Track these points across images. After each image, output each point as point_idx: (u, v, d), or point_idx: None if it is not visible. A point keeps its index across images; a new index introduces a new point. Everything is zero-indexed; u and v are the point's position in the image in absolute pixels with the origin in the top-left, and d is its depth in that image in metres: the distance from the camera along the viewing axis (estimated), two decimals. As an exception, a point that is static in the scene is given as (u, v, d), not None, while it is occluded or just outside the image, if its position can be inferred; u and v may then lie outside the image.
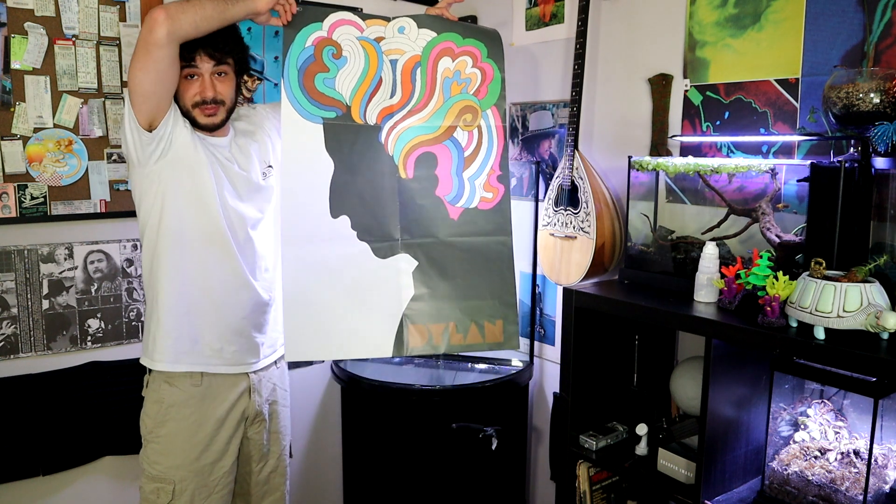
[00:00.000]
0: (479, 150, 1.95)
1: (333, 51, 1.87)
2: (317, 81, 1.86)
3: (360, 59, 1.89)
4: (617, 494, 2.06)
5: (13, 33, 2.07)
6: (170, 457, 1.78)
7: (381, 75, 1.90)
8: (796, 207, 1.77)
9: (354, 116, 1.89)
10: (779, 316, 1.52)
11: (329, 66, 1.87)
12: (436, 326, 1.90)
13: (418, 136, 1.93)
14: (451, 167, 1.94)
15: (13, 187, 2.11)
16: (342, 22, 1.88)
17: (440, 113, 1.94)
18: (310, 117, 1.86)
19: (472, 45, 1.95)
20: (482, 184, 1.95)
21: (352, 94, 1.89)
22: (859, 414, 1.62)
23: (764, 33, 1.88)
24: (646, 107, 2.17)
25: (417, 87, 1.93)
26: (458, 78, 1.95)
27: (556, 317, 2.57)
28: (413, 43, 1.93)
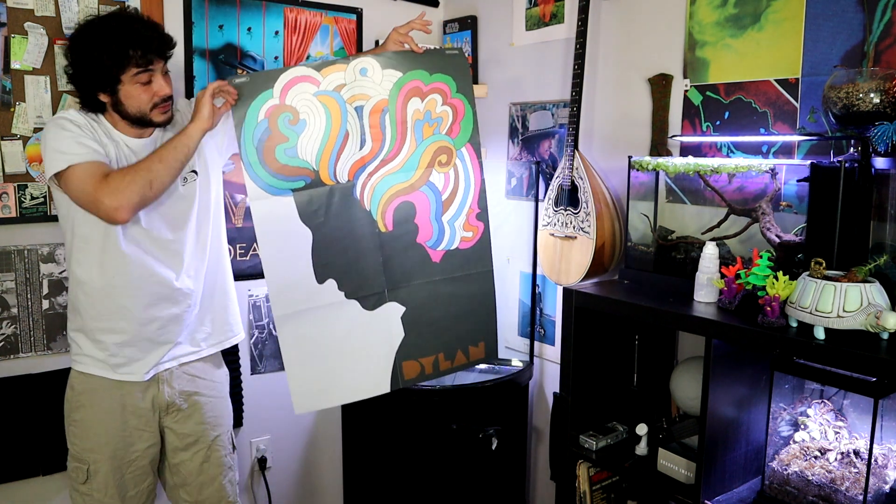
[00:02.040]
0: (456, 191, 1.94)
1: (290, 117, 1.78)
2: (278, 154, 1.78)
3: (321, 118, 1.80)
4: (617, 494, 2.06)
5: (13, 33, 2.07)
6: (84, 440, 1.85)
7: (347, 128, 1.83)
8: (796, 207, 1.77)
9: (324, 179, 1.83)
10: (779, 316, 1.52)
11: (288, 135, 1.78)
12: (426, 359, 1.96)
13: (394, 186, 1.89)
14: (429, 214, 1.92)
15: (13, 187, 2.11)
16: (295, 81, 1.78)
17: (414, 158, 1.89)
18: (277, 192, 1.79)
19: (441, 81, 1.89)
20: (462, 224, 1.95)
21: (317, 157, 1.81)
22: (859, 414, 1.62)
23: (764, 33, 1.88)
24: (646, 107, 2.17)
25: (388, 135, 1.87)
26: (430, 119, 1.89)
27: (556, 317, 2.57)
28: (378, 86, 1.85)
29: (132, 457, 1.87)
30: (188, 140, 1.73)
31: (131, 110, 1.75)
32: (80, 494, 1.86)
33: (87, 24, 1.74)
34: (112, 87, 1.72)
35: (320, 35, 2.65)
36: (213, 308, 1.97)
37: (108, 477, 1.84)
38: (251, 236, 2.53)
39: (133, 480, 1.89)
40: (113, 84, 1.71)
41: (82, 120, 1.74)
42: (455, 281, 1.95)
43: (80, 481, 1.85)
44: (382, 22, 2.81)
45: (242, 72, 2.44)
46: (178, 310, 1.87)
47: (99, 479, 1.84)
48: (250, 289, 2.56)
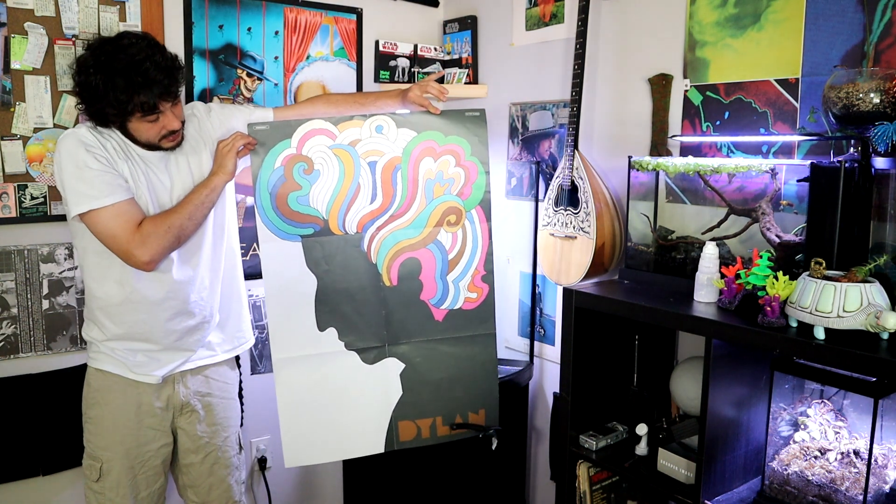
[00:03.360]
0: (463, 251, 1.95)
1: (304, 166, 1.85)
2: (290, 201, 1.85)
3: (335, 170, 1.86)
4: (617, 494, 2.06)
5: (13, 33, 2.07)
6: (98, 437, 1.86)
7: (359, 181, 1.88)
8: (796, 207, 1.77)
9: (333, 229, 1.88)
10: (779, 316, 1.52)
11: (301, 184, 1.85)
12: (423, 421, 1.97)
13: (401, 242, 1.92)
14: (435, 272, 1.94)
15: (13, 187, 2.11)
16: (312, 133, 1.85)
17: (423, 216, 1.92)
18: (287, 237, 1.86)
19: (455, 143, 1.92)
20: (466, 285, 1.96)
21: (328, 207, 1.87)
22: (859, 414, 1.62)
23: (764, 33, 1.88)
24: (646, 107, 2.17)
25: (398, 191, 1.90)
26: (441, 179, 1.92)
27: (556, 317, 2.57)
28: (392, 144, 1.89)
29: (145, 456, 1.88)
30: (214, 195, 1.81)
31: (140, 139, 1.78)
32: (94, 493, 1.87)
33: (95, 55, 1.68)
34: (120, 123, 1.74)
35: (320, 35, 2.65)
36: (229, 316, 1.99)
37: (121, 476, 1.85)
38: (251, 236, 2.53)
39: (146, 481, 1.89)
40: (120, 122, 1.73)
41: (96, 141, 1.73)
42: (457, 342, 1.97)
43: (93, 479, 1.86)
44: (382, 22, 2.81)
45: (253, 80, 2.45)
46: (196, 321, 1.88)
47: (111, 477, 1.85)
48: (250, 289, 2.56)
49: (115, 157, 1.75)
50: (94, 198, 1.68)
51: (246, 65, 2.49)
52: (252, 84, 2.51)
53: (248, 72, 2.50)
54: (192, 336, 1.90)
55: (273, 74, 2.56)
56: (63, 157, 1.71)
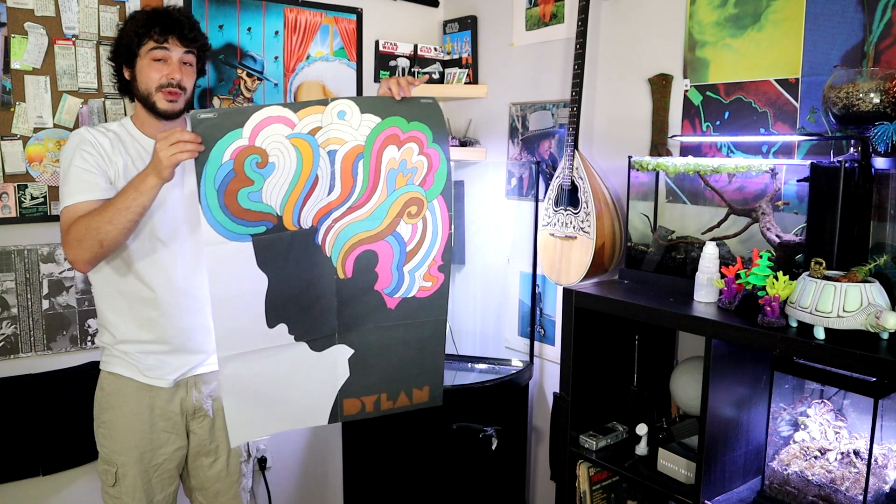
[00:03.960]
0: (422, 242, 1.86)
1: (258, 159, 1.65)
2: (240, 198, 1.65)
3: (292, 162, 1.68)
4: (617, 494, 2.06)
5: (13, 33, 2.07)
6: (112, 441, 1.84)
7: (317, 172, 1.72)
8: (796, 207, 1.77)
9: (287, 225, 1.72)
10: (779, 316, 1.52)
11: (254, 179, 1.65)
12: (368, 398, 1.91)
13: (358, 234, 1.80)
14: (391, 263, 1.84)
15: (13, 187, 2.11)
16: (268, 121, 1.65)
17: (383, 208, 1.80)
18: (236, 237, 1.67)
19: (418, 130, 1.80)
20: (422, 275, 1.87)
21: (283, 202, 1.70)
22: (859, 414, 1.62)
23: (764, 33, 1.88)
24: (646, 107, 2.17)
25: (359, 182, 1.77)
26: (404, 168, 1.80)
27: (556, 317, 2.57)
28: (355, 131, 1.75)
29: (159, 460, 1.87)
30: (143, 199, 1.64)
31: (141, 88, 1.79)
32: (111, 497, 1.86)
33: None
34: (131, 59, 1.78)
35: (320, 35, 2.65)
36: None
37: (136, 480, 1.84)
38: (251, 236, 2.54)
39: (160, 484, 1.88)
40: (132, 57, 1.78)
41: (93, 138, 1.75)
42: (407, 327, 1.89)
43: (109, 484, 1.85)
44: (382, 22, 2.81)
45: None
46: (205, 319, 1.86)
47: (127, 482, 1.84)
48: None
49: (109, 152, 1.76)
50: (67, 195, 1.71)
51: (246, 65, 2.49)
52: (252, 84, 2.52)
53: (248, 72, 2.50)
54: (202, 336, 1.88)
55: (273, 74, 2.56)
56: (62, 155, 1.77)
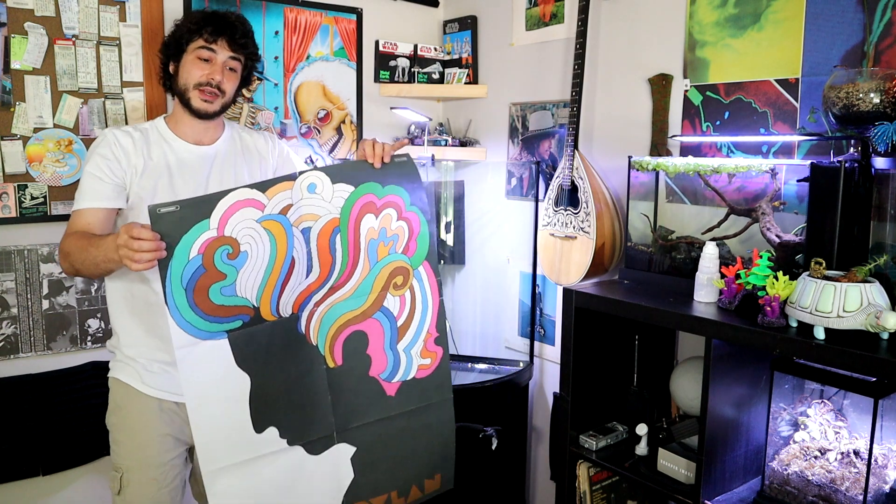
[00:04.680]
0: (412, 315, 1.73)
1: (229, 250, 1.49)
2: (212, 294, 1.49)
3: (265, 248, 1.53)
4: (617, 494, 2.06)
5: (13, 33, 2.07)
6: (120, 445, 1.82)
7: (293, 254, 1.57)
8: (796, 207, 1.77)
9: (265, 315, 1.56)
10: (779, 316, 1.52)
11: (226, 272, 1.49)
12: (377, 498, 1.76)
13: (344, 315, 1.66)
14: (383, 343, 1.70)
15: (13, 187, 2.11)
16: (237, 206, 1.49)
17: (367, 283, 1.67)
18: (210, 336, 1.50)
19: (394, 194, 1.67)
20: (419, 351, 1.74)
21: (259, 292, 1.54)
22: (859, 414, 1.62)
23: (764, 33, 1.88)
24: (646, 107, 2.17)
25: (338, 259, 1.63)
26: (385, 237, 1.67)
27: (556, 317, 2.57)
28: (329, 203, 1.61)
29: (166, 466, 1.81)
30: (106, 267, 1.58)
31: (180, 83, 1.79)
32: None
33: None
34: (178, 54, 1.79)
35: (320, 35, 2.65)
36: None
37: (143, 487, 1.78)
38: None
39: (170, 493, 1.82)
40: (179, 52, 1.79)
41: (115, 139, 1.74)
42: (411, 414, 1.75)
43: (115, 491, 1.81)
44: (382, 22, 2.81)
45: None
46: None
47: (131, 489, 1.78)
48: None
49: (129, 153, 1.74)
50: (77, 199, 1.72)
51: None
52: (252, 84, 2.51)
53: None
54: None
55: (273, 74, 2.56)
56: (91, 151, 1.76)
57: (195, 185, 1.79)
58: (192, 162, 1.81)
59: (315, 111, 2.67)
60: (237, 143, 1.90)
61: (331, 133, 2.72)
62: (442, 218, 2.90)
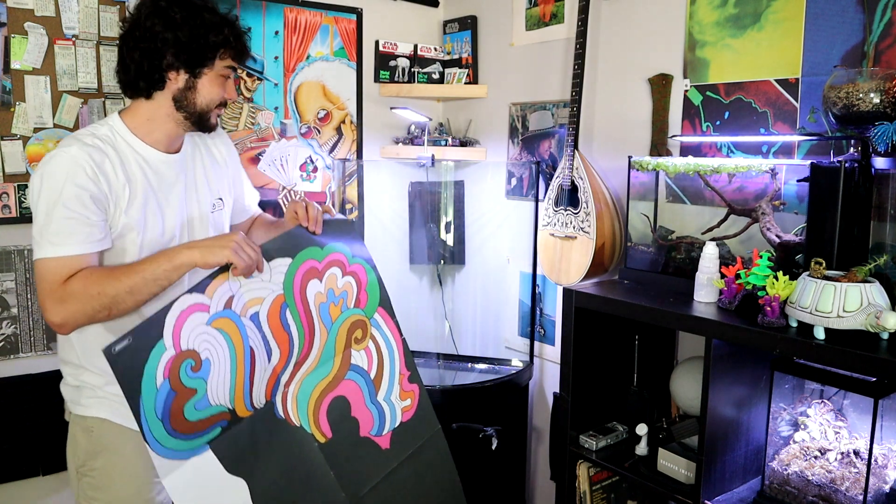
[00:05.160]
0: (382, 364, 1.73)
1: (192, 363, 1.43)
2: (187, 413, 1.43)
3: (223, 348, 1.47)
4: (617, 494, 2.06)
5: (13, 33, 2.07)
6: (107, 491, 1.59)
7: (251, 344, 1.52)
8: (796, 207, 1.77)
9: (241, 413, 1.50)
10: (779, 316, 1.52)
11: (195, 386, 1.43)
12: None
13: (317, 387, 1.63)
14: (364, 400, 1.69)
15: (13, 187, 2.11)
16: (183, 316, 1.42)
17: (329, 347, 1.64)
18: (193, 453, 1.43)
19: (335, 252, 1.65)
20: (397, 396, 1.74)
21: (231, 394, 1.49)
22: (859, 414, 1.62)
23: (764, 33, 1.88)
24: (646, 107, 2.17)
25: (294, 333, 1.59)
26: (333, 297, 1.64)
27: (556, 317, 2.57)
28: (269, 283, 1.55)
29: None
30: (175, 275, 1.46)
31: (198, 103, 1.56)
32: None
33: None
34: (201, 66, 1.54)
35: (320, 35, 2.65)
36: None
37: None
38: (251, 236, 2.54)
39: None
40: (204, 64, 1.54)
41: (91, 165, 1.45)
42: (410, 460, 1.74)
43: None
44: (382, 22, 2.81)
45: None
46: None
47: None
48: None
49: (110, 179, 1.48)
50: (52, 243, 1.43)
51: (246, 65, 2.49)
52: (252, 84, 2.51)
53: (248, 72, 2.50)
54: None
55: (273, 74, 2.56)
56: (45, 182, 1.43)
57: (176, 201, 1.61)
58: (168, 175, 1.59)
59: (315, 111, 2.67)
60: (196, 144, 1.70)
61: (331, 133, 2.73)
62: (442, 218, 2.90)
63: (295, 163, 2.63)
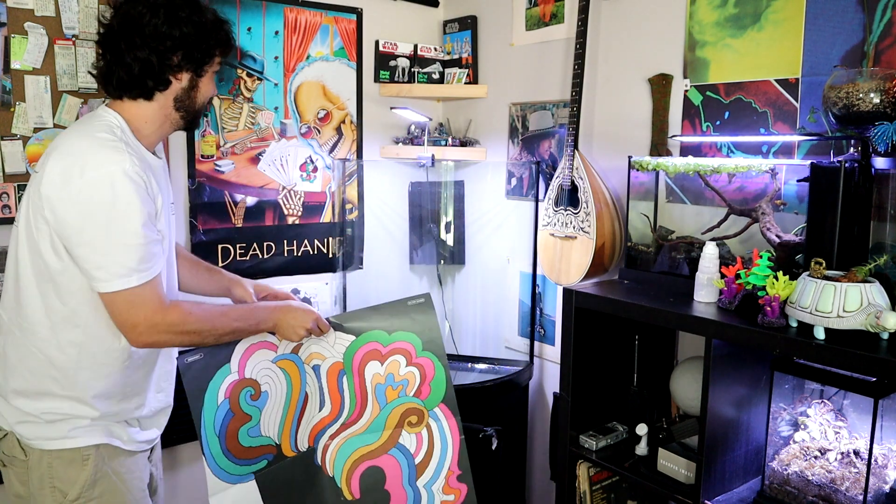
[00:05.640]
0: (431, 453, 1.72)
1: (251, 392, 1.60)
2: (241, 437, 1.60)
3: (282, 385, 1.63)
4: (617, 494, 2.06)
5: (13, 33, 2.07)
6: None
7: (307, 390, 1.66)
8: (796, 207, 1.77)
9: (286, 452, 1.65)
10: (779, 316, 1.52)
11: (251, 413, 1.60)
12: None
13: (359, 450, 1.69)
14: (401, 479, 1.71)
15: (13, 187, 2.11)
16: (253, 349, 1.62)
17: (379, 420, 1.68)
18: (239, 479, 1.60)
19: (403, 341, 1.68)
20: (440, 488, 1.73)
21: (279, 429, 1.64)
22: (859, 414, 1.62)
23: (764, 33, 1.88)
24: (646, 107, 2.17)
25: (347, 397, 1.67)
26: (392, 382, 1.68)
27: (556, 317, 2.57)
28: (332, 348, 1.67)
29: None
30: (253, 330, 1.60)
31: (197, 102, 1.57)
32: None
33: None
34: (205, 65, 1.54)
35: (320, 35, 2.65)
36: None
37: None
38: (251, 236, 2.54)
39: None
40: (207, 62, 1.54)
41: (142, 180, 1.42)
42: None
43: None
44: (382, 22, 2.81)
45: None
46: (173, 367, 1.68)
47: None
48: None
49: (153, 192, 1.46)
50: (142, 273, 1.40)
51: (246, 65, 2.49)
52: (252, 84, 2.51)
53: (248, 72, 2.50)
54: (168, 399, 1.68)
55: (273, 74, 2.55)
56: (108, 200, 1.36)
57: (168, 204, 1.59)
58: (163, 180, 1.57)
59: (315, 111, 2.67)
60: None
61: (331, 133, 2.72)
62: (442, 218, 2.90)
63: (295, 163, 2.63)
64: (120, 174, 1.37)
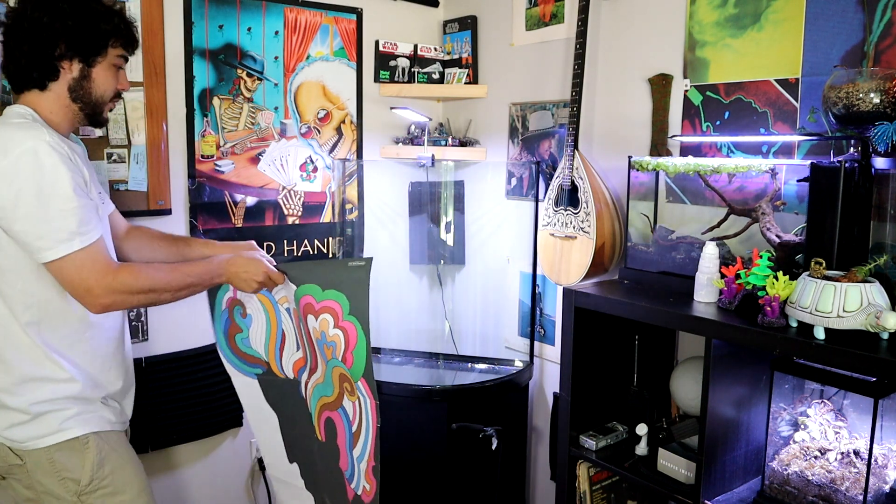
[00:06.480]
0: (360, 428, 1.74)
1: (241, 310, 1.82)
2: (238, 342, 1.85)
3: (261, 315, 1.81)
4: (617, 494, 2.06)
5: (13, 33, 2.07)
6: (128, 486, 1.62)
7: (283, 328, 1.79)
8: (796, 207, 1.77)
9: (275, 371, 1.85)
10: (779, 316, 1.52)
11: (241, 326, 1.84)
12: None
13: (322, 398, 1.78)
14: (345, 440, 1.76)
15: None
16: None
17: (328, 375, 1.73)
18: (246, 373, 1.88)
19: (332, 299, 1.66)
20: (364, 470, 1.76)
21: (265, 350, 1.84)
22: (859, 414, 1.62)
23: (764, 33, 1.88)
24: (646, 107, 2.17)
25: (305, 344, 1.76)
26: (325, 340, 1.68)
27: (556, 317, 2.57)
28: (291, 295, 1.73)
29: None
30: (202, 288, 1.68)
31: (93, 94, 1.57)
32: None
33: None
34: (95, 55, 1.55)
35: (320, 35, 2.65)
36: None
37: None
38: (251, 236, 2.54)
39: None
40: (97, 52, 1.55)
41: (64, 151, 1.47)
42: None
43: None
44: (382, 22, 2.81)
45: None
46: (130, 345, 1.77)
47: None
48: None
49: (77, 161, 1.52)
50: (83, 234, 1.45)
51: (246, 65, 2.49)
52: (252, 84, 2.51)
53: (248, 72, 2.50)
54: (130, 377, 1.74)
55: (273, 74, 2.55)
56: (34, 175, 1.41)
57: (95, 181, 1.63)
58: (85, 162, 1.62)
59: (315, 111, 2.67)
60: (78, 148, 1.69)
61: (331, 133, 2.72)
62: (442, 218, 2.90)
63: (295, 163, 2.63)
64: (42, 145, 1.43)
